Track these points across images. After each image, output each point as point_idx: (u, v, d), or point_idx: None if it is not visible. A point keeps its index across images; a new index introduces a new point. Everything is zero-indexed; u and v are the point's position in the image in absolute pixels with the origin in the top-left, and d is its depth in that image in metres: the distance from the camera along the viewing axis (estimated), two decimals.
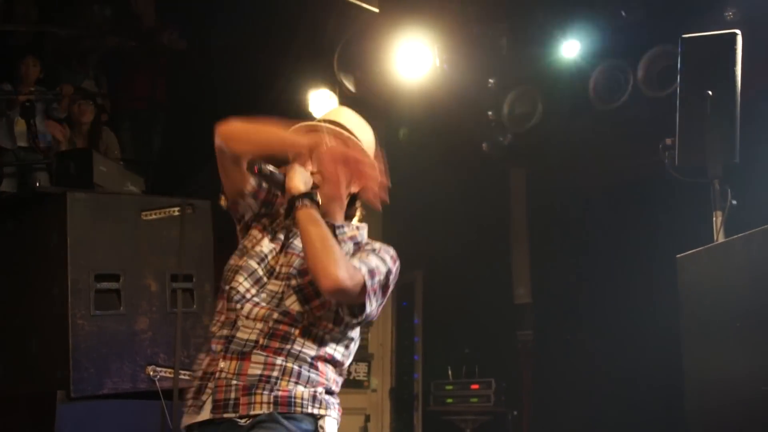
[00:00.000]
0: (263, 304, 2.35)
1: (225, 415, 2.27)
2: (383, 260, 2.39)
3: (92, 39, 6.93)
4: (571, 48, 5.68)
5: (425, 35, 5.87)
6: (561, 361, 6.21)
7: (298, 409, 2.27)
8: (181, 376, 4.13)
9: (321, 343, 2.36)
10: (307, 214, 2.32)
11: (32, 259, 4.25)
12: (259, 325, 2.32)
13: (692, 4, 5.15)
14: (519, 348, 6.60)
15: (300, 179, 2.38)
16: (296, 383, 2.29)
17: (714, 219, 3.62)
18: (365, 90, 6.22)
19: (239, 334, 2.33)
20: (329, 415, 2.33)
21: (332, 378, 2.40)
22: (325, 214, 2.40)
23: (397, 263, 2.44)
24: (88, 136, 6.26)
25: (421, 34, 5.86)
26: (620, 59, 5.54)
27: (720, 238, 3.55)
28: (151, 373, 4.08)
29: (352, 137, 2.53)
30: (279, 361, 2.30)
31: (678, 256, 3.31)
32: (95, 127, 6.35)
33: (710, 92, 3.64)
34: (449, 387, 6.68)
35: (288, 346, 2.32)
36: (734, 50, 3.69)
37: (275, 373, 2.29)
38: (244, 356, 2.30)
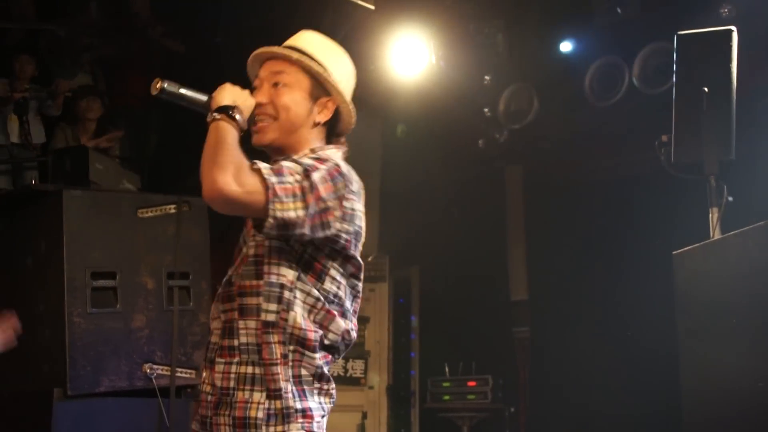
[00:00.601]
0: (220, 302, 2.19)
1: None
2: (299, 162, 2.07)
3: (88, 37, 6.91)
4: (566, 45, 5.69)
5: (421, 32, 5.87)
6: (558, 357, 6.21)
7: (253, 430, 2.06)
8: (178, 374, 4.13)
9: (258, 312, 2.09)
10: (215, 127, 2.06)
11: (28, 257, 4.24)
12: (216, 324, 2.18)
13: (688, 0, 5.16)
14: (516, 345, 6.61)
15: (226, 95, 2.15)
16: (251, 392, 2.09)
17: (710, 215, 3.63)
18: (361, 87, 6.20)
19: (211, 338, 2.20)
20: (289, 430, 2.06)
21: (304, 366, 2.10)
22: (284, 149, 2.20)
23: (329, 164, 2.08)
24: (94, 134, 6.24)
25: (417, 31, 5.86)
26: (616, 56, 5.55)
27: (716, 234, 3.55)
28: (148, 370, 4.08)
29: (319, 72, 2.23)
30: (233, 365, 2.11)
31: (674, 252, 3.32)
32: (101, 125, 6.34)
33: (706, 89, 3.65)
34: (446, 384, 6.68)
35: (235, 341, 2.11)
36: (730, 47, 3.70)
37: (231, 384, 2.11)
38: (212, 364, 2.16)
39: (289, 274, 2.10)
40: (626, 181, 6.02)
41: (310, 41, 2.30)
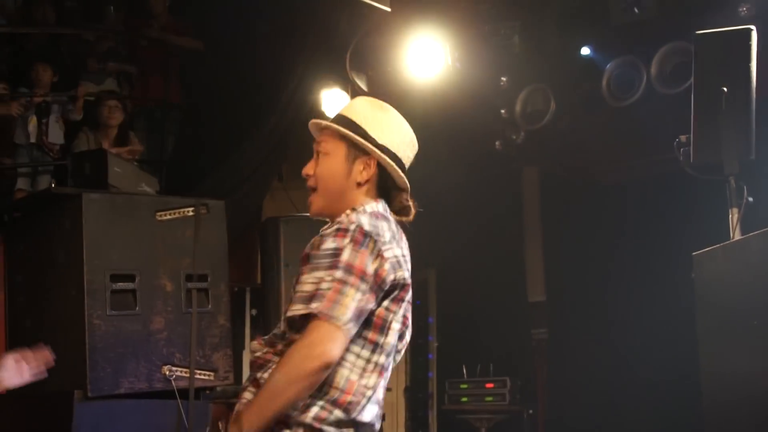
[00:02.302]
0: (268, 344, 2.24)
1: None
2: (324, 254, 2.12)
3: (108, 40, 6.96)
4: (585, 50, 5.68)
5: (437, 33, 5.86)
6: (576, 359, 6.19)
7: None
8: (197, 376, 4.15)
9: None
10: (232, 428, 2.10)
11: (48, 260, 4.27)
12: (251, 357, 2.25)
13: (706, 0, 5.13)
14: (534, 346, 6.59)
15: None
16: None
17: (730, 216, 3.60)
18: (377, 89, 6.21)
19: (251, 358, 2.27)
20: None
21: (313, 411, 2.11)
22: (334, 216, 2.27)
23: (349, 233, 2.12)
24: (116, 140, 6.28)
25: (433, 32, 5.85)
26: (634, 56, 5.52)
27: (736, 235, 3.53)
28: (167, 372, 4.10)
29: (348, 133, 2.29)
30: (253, 393, 2.16)
31: (694, 253, 3.30)
32: (123, 131, 6.37)
33: (725, 88, 3.62)
34: (464, 386, 6.67)
35: (262, 373, 2.17)
36: (749, 46, 3.67)
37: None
38: (242, 391, 2.21)
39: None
40: (645, 182, 5.99)
41: (351, 106, 2.39)
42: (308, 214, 2.38)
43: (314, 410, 2.11)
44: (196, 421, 4.09)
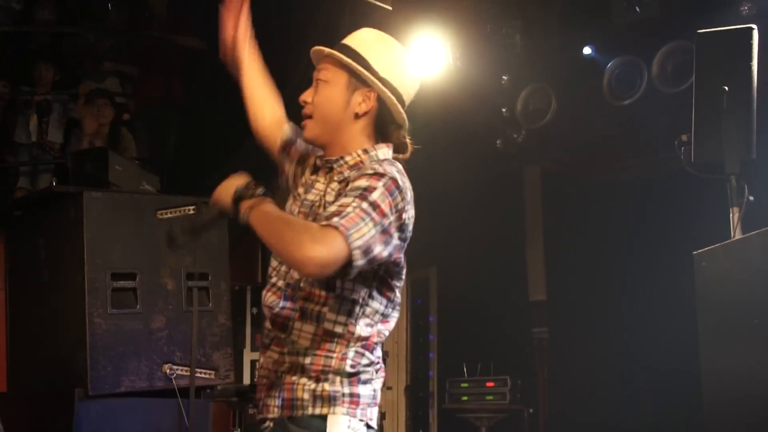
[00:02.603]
0: (278, 284, 2.23)
1: (260, 416, 2.25)
2: (354, 187, 2.09)
3: (109, 40, 6.97)
4: (587, 50, 5.68)
5: (439, 32, 5.86)
6: (576, 358, 6.19)
7: (300, 411, 2.14)
8: (198, 374, 4.15)
9: (319, 320, 2.15)
10: (254, 216, 2.09)
11: (49, 258, 4.28)
12: (268, 312, 2.24)
13: None
14: (534, 345, 6.59)
15: (219, 196, 2.19)
16: (300, 376, 2.16)
17: (731, 215, 3.60)
18: None
19: (266, 324, 2.26)
20: (334, 413, 2.13)
21: (350, 357, 2.16)
22: (330, 145, 2.27)
23: (385, 178, 2.09)
24: (108, 137, 6.28)
25: (435, 31, 5.85)
26: (634, 55, 5.51)
27: (737, 234, 3.53)
28: (168, 371, 4.10)
29: (350, 62, 2.24)
30: (285, 354, 2.18)
31: (694, 252, 3.29)
32: (114, 128, 6.38)
33: (726, 88, 3.62)
34: (465, 385, 6.67)
35: (286, 335, 2.18)
36: (750, 45, 3.67)
37: (283, 368, 2.18)
38: (267, 349, 2.23)
39: (362, 291, 2.16)
40: (645, 181, 5.99)
41: (356, 36, 2.31)
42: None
43: (350, 355, 2.15)
44: (196, 420, 4.09)
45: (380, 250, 2.06)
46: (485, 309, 6.67)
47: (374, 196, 2.06)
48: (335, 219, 2.00)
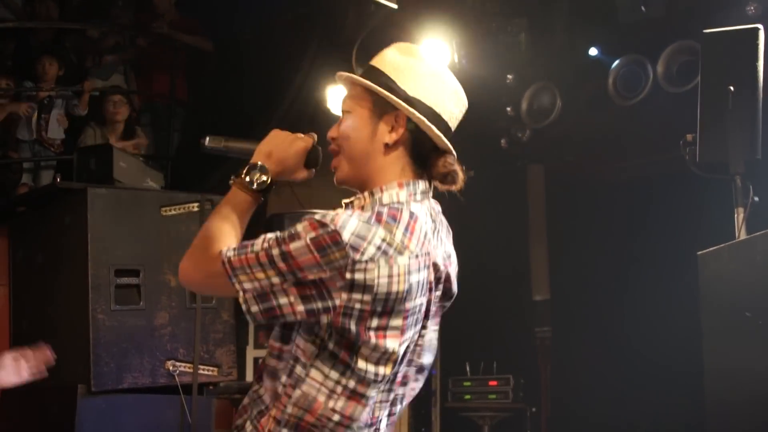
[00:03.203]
0: None
1: None
2: (284, 237, 1.79)
3: (113, 37, 6.97)
4: (593, 50, 5.67)
5: (444, 31, 5.85)
6: (579, 357, 6.18)
7: None
8: (201, 371, 4.16)
9: (274, 375, 1.88)
10: (226, 196, 1.96)
11: (53, 255, 4.28)
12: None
13: None
14: (537, 345, 6.58)
15: (264, 146, 1.99)
16: None
17: (735, 215, 3.60)
18: None
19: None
20: None
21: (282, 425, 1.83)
22: (364, 184, 1.95)
23: (323, 229, 1.76)
24: (123, 134, 6.29)
25: (440, 29, 5.84)
26: (640, 54, 5.50)
27: (742, 234, 3.52)
28: (171, 367, 4.10)
29: (371, 85, 1.94)
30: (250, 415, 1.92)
31: (699, 253, 3.29)
32: (129, 126, 6.39)
33: (732, 87, 3.61)
34: (467, 383, 6.66)
35: (254, 393, 1.93)
36: (756, 45, 3.66)
37: (239, 421, 1.95)
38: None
39: (308, 348, 1.84)
40: (650, 181, 5.97)
41: (384, 55, 2.00)
42: (315, 211, 2.00)
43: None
44: (199, 417, 4.09)
45: (288, 303, 1.78)
46: (488, 308, 6.66)
47: (294, 245, 1.76)
48: (231, 251, 1.81)
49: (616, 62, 5.59)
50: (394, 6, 5.43)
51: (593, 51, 5.72)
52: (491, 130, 6.32)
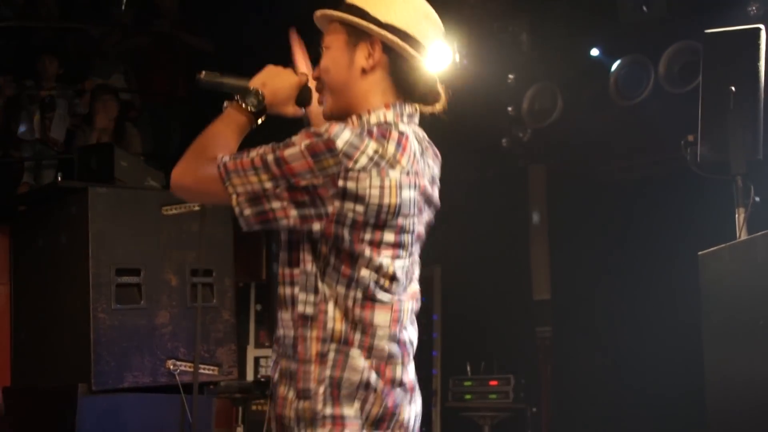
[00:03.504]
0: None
1: None
2: (278, 145, 1.87)
3: (114, 36, 6.97)
4: (594, 51, 5.68)
5: (445, 30, 5.85)
6: (580, 357, 6.18)
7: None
8: (202, 371, 4.16)
9: (292, 303, 1.92)
10: (222, 115, 2.03)
11: (54, 253, 4.28)
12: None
13: None
14: (538, 344, 6.58)
15: (258, 78, 2.05)
16: (288, 388, 1.92)
17: (737, 216, 3.60)
18: None
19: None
20: None
21: (347, 369, 1.86)
22: (348, 114, 1.99)
23: (317, 138, 1.82)
24: (114, 133, 6.29)
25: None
26: (641, 55, 5.50)
27: (743, 235, 3.52)
28: (172, 367, 4.10)
29: (343, 15, 2.02)
30: (280, 358, 1.95)
31: (700, 253, 3.29)
32: (119, 124, 6.39)
33: (733, 88, 3.61)
34: (468, 383, 6.66)
35: (279, 331, 1.96)
36: (758, 45, 3.66)
37: (276, 376, 1.97)
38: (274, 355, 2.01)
39: (314, 269, 1.90)
40: (651, 181, 5.98)
41: None
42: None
43: (331, 356, 1.88)
44: (200, 416, 4.09)
45: (281, 207, 1.83)
46: (489, 307, 6.66)
47: (289, 152, 1.82)
48: (227, 157, 1.88)
49: (618, 62, 5.59)
50: None
51: (594, 51, 5.73)
52: (492, 130, 6.33)
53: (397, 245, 1.92)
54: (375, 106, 1.99)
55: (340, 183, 1.80)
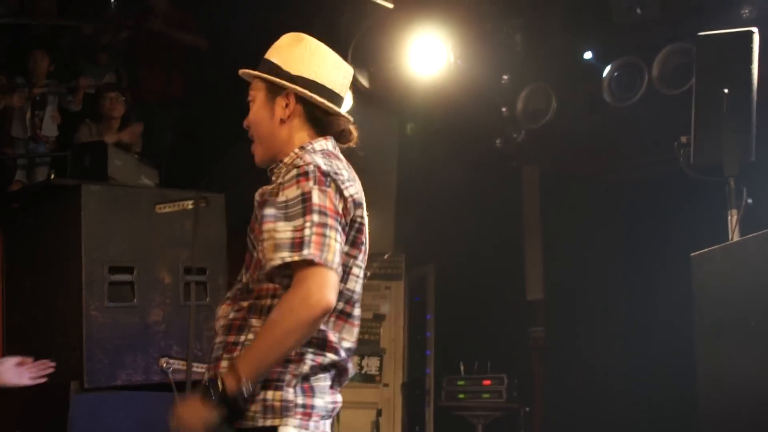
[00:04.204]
0: (228, 296, 2.24)
1: None
2: (291, 200, 2.07)
3: (108, 33, 6.95)
4: (588, 54, 5.69)
5: (439, 31, 5.86)
6: (573, 357, 6.20)
7: (249, 423, 2.03)
8: (194, 369, 4.15)
9: (269, 311, 2.08)
10: (240, 371, 2.01)
11: (47, 251, 4.28)
12: (222, 322, 2.19)
13: (708, 1, 5.13)
14: (531, 344, 6.60)
15: (189, 414, 2.10)
16: None
17: (729, 218, 3.61)
18: (379, 85, 6.21)
19: (216, 338, 2.19)
20: (285, 424, 2.03)
21: (322, 365, 2.09)
22: (275, 159, 2.25)
23: (310, 175, 2.08)
24: (118, 132, 6.27)
25: (436, 29, 5.85)
26: (635, 56, 5.52)
27: (735, 236, 3.53)
28: (164, 365, 4.10)
29: (259, 74, 2.29)
30: (234, 355, 2.09)
31: (692, 254, 3.30)
32: (125, 123, 6.37)
33: (726, 90, 3.62)
34: (461, 382, 6.67)
35: (242, 337, 2.11)
36: (751, 48, 3.67)
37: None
38: (217, 362, 2.14)
39: None
40: (644, 182, 5.99)
41: (273, 47, 2.33)
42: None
43: (309, 358, 2.07)
44: None
45: (342, 244, 2.09)
46: (483, 307, 6.67)
47: (316, 200, 2.05)
48: (306, 251, 1.99)
49: (611, 64, 5.60)
50: (390, 6, 5.44)
51: (588, 55, 5.74)
52: (486, 130, 6.33)
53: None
54: (295, 147, 2.23)
55: (345, 194, 2.15)
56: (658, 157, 5.32)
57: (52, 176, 5.42)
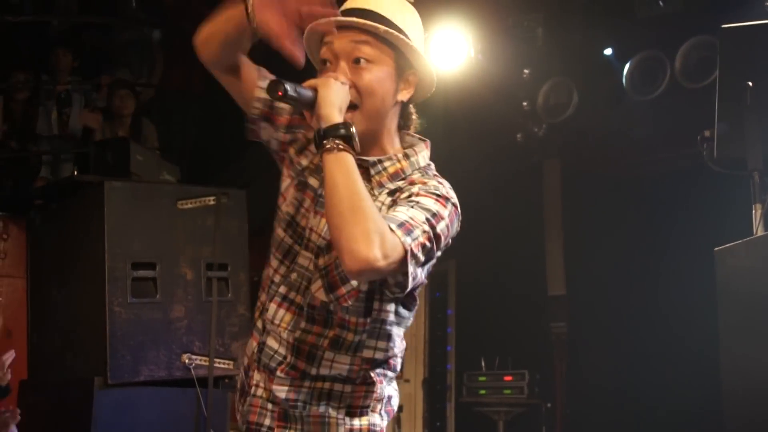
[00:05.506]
0: (293, 299, 1.91)
1: None
2: (424, 206, 1.78)
3: (129, 31, 6.99)
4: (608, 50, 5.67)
5: (460, 25, 5.84)
6: (595, 353, 6.17)
7: None
8: (216, 365, 4.17)
9: (358, 348, 1.89)
10: (337, 159, 1.68)
11: (71, 247, 4.31)
12: (285, 335, 1.91)
13: None
14: (553, 340, 6.57)
15: (334, 100, 1.73)
16: (327, 406, 1.91)
17: (753, 212, 3.57)
18: None
19: (268, 341, 1.95)
20: None
21: (384, 389, 1.98)
22: (367, 142, 1.83)
23: (450, 204, 1.82)
24: (130, 128, 6.30)
25: (456, 24, 5.83)
26: (657, 50, 5.47)
27: (759, 231, 3.49)
28: (187, 361, 4.12)
29: (406, 41, 1.83)
30: (306, 384, 1.91)
31: (716, 249, 3.27)
32: (136, 118, 6.40)
33: (750, 83, 3.58)
34: (482, 378, 6.66)
35: (313, 370, 1.89)
36: None
37: (301, 397, 1.91)
38: (271, 374, 1.93)
39: (391, 308, 1.91)
40: (667, 177, 5.95)
41: (381, 2, 1.85)
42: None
43: (386, 381, 1.99)
44: (214, 410, 4.11)
45: (423, 276, 1.85)
46: (504, 303, 6.66)
47: (441, 227, 1.79)
48: (408, 239, 1.71)
49: (634, 57, 5.56)
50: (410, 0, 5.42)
51: (608, 51, 5.70)
52: (507, 124, 6.31)
53: None
54: (392, 137, 1.92)
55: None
56: (680, 152, 5.28)
57: (75, 173, 5.44)
